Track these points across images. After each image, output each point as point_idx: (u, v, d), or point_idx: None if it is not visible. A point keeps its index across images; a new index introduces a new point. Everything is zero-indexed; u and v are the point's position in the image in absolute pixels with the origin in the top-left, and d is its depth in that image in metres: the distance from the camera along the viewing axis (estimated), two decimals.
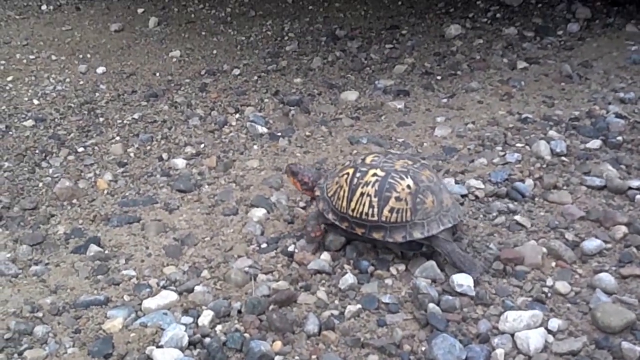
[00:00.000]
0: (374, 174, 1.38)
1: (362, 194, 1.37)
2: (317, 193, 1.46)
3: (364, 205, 1.37)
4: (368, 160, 1.42)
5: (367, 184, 1.37)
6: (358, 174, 1.39)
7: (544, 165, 1.72)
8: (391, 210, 1.36)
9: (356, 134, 1.89)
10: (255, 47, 2.43)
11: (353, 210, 1.39)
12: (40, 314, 1.29)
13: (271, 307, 1.33)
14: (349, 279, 1.38)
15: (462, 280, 1.36)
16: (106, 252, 1.48)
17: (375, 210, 1.36)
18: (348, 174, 1.41)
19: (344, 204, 1.40)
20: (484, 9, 2.64)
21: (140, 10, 2.72)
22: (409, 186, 1.37)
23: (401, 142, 1.85)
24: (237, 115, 2.01)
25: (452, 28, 2.45)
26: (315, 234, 1.46)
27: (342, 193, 1.40)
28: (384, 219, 1.36)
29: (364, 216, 1.37)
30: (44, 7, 2.76)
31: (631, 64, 2.19)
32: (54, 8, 2.76)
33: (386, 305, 1.33)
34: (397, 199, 1.36)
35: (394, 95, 2.08)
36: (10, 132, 1.96)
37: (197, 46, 2.45)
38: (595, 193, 1.62)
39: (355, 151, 1.82)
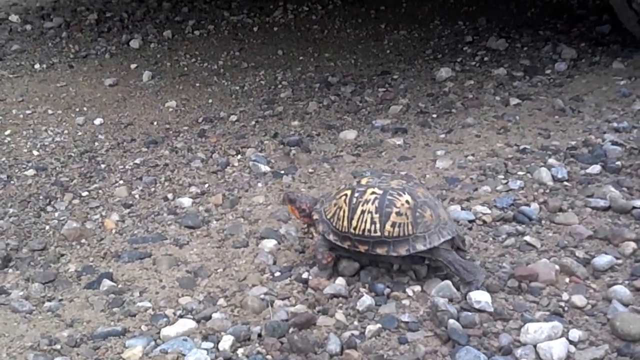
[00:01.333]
0: (373, 192, 1.42)
1: (362, 212, 1.40)
2: (316, 217, 1.49)
3: (366, 222, 1.40)
4: (364, 181, 1.47)
5: (367, 202, 1.41)
6: (357, 194, 1.43)
7: (547, 191, 1.75)
8: (393, 225, 1.39)
9: (359, 169, 1.92)
10: (250, 96, 2.47)
11: (355, 229, 1.41)
12: (58, 347, 1.26)
13: (291, 329, 1.32)
14: (367, 300, 1.38)
15: (480, 297, 1.37)
16: (119, 286, 1.47)
17: (378, 226, 1.39)
18: (346, 195, 1.44)
19: (345, 223, 1.42)
20: (471, 54, 2.72)
21: (133, 66, 2.76)
22: (407, 201, 1.40)
23: (404, 175, 1.87)
24: (239, 157, 2.03)
25: (443, 71, 2.51)
26: (327, 260, 1.47)
27: (342, 213, 1.43)
28: (386, 233, 1.39)
29: (366, 233, 1.40)
30: (37, 66, 2.79)
31: (621, 96, 2.25)
32: (47, 67, 2.79)
33: (406, 324, 1.33)
34: (398, 213, 1.39)
35: (392, 132, 2.11)
36: (12, 182, 1.95)
37: (192, 96, 2.48)
38: (600, 214, 1.64)
39: None
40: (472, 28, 3.01)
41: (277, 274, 1.49)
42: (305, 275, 1.47)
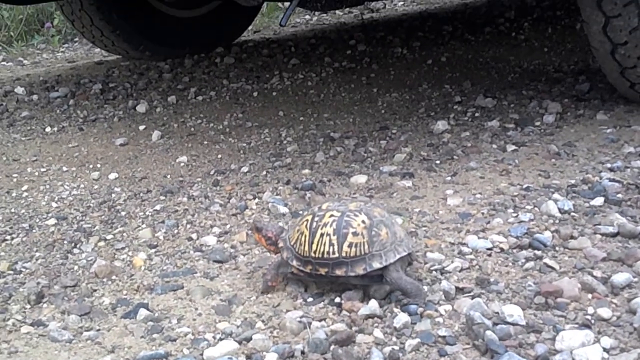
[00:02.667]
0: (331, 215, 1.49)
1: (322, 235, 1.47)
2: (281, 244, 1.55)
3: (324, 244, 1.47)
4: (324, 206, 1.54)
5: (325, 224, 1.48)
6: (316, 218, 1.50)
7: (557, 221, 1.83)
8: (350, 245, 1.46)
9: None
10: (258, 151, 2.56)
11: (315, 252, 1.48)
12: None
13: (332, 346, 1.35)
14: (403, 317, 1.43)
15: (512, 311, 1.43)
16: (156, 315, 1.49)
17: (336, 247, 1.46)
18: (307, 220, 1.51)
19: (306, 248, 1.49)
20: (462, 111, 2.85)
21: (141, 127, 2.84)
22: (363, 221, 1.48)
23: (418, 212, 1.95)
24: (256, 201, 2.09)
25: (439, 124, 2.63)
26: (273, 283, 1.54)
27: (303, 238, 1.49)
28: (344, 254, 1.46)
29: (325, 255, 1.47)
30: (47, 129, 2.85)
31: (610, 142, 2.38)
32: (57, 130, 2.86)
33: (443, 338, 1.38)
34: (354, 234, 1.46)
35: (401, 176, 2.20)
36: (34, 230, 1.99)
37: (202, 153, 2.56)
38: (609, 239, 1.73)
39: None
40: (459, 90, 3.16)
41: (310, 299, 1.54)
42: (337, 300, 1.52)
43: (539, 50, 3.80)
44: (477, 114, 2.80)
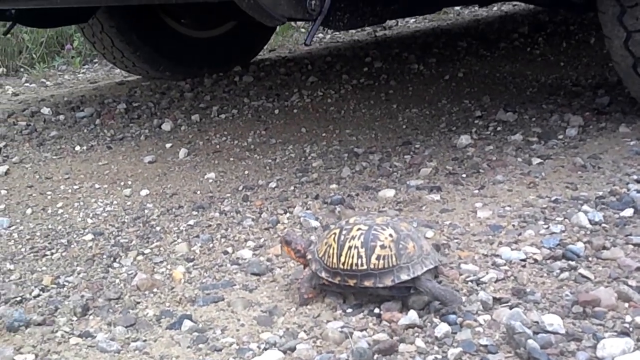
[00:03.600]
0: (359, 229, 1.54)
1: (350, 248, 1.52)
2: (309, 257, 1.60)
3: (352, 257, 1.52)
4: (351, 220, 1.59)
5: (353, 238, 1.53)
6: (344, 232, 1.55)
7: (588, 232, 1.86)
8: (378, 258, 1.50)
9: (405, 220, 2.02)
10: (284, 167, 2.59)
11: (344, 264, 1.52)
12: None
13: (375, 356, 1.38)
14: (444, 327, 1.45)
15: (551, 320, 1.45)
16: (200, 325, 1.52)
17: (364, 260, 1.51)
18: (335, 233, 1.56)
19: (335, 260, 1.53)
20: (483, 125, 2.89)
21: (168, 145, 2.89)
22: (391, 235, 1.52)
23: (448, 224, 1.98)
24: (287, 215, 2.12)
25: (463, 138, 2.66)
26: (309, 295, 1.58)
27: (331, 251, 1.54)
28: (372, 266, 1.50)
29: (354, 267, 1.51)
30: (77, 148, 2.90)
31: (635, 154, 2.41)
32: (87, 148, 2.91)
33: (485, 347, 1.40)
34: (382, 247, 1.51)
35: (428, 190, 2.23)
36: (73, 245, 2.02)
37: (229, 169, 2.60)
38: None
39: None
40: (478, 105, 3.19)
41: (349, 310, 1.56)
42: (376, 310, 1.55)
43: (555, 64, 3.84)
44: (499, 128, 2.83)
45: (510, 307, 1.52)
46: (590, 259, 1.72)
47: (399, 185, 2.30)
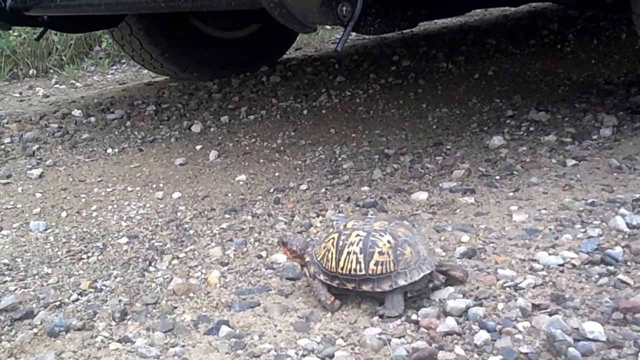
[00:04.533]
0: (357, 235, 1.58)
1: (348, 253, 1.56)
2: (307, 259, 1.64)
3: (351, 262, 1.55)
4: (349, 225, 1.62)
5: (352, 244, 1.56)
6: (343, 237, 1.59)
7: (626, 236, 1.83)
8: (376, 264, 1.54)
9: (438, 224, 2.00)
10: (314, 168, 2.59)
11: (342, 268, 1.56)
12: None
13: None
14: (483, 334, 1.44)
15: (592, 327, 1.44)
16: (237, 331, 1.53)
17: (362, 265, 1.55)
18: (334, 238, 1.60)
19: (333, 264, 1.57)
20: (515, 125, 2.86)
21: (198, 147, 2.90)
22: (389, 241, 1.56)
23: (484, 228, 1.96)
24: (320, 218, 2.12)
25: (495, 139, 2.64)
26: (331, 300, 1.61)
27: (330, 255, 1.58)
28: (370, 272, 1.54)
29: (352, 272, 1.55)
30: (109, 151, 2.93)
31: None
32: (118, 151, 2.93)
33: (525, 355, 1.39)
34: (380, 253, 1.55)
35: (462, 193, 2.21)
36: (108, 248, 2.04)
37: (259, 171, 2.60)
38: None
39: (443, 238, 1.92)
40: (509, 104, 3.16)
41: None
42: (414, 317, 1.54)
43: (586, 62, 3.79)
44: (531, 128, 2.80)
45: (550, 314, 1.50)
46: (629, 263, 1.70)
47: (431, 188, 2.29)
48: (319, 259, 1.62)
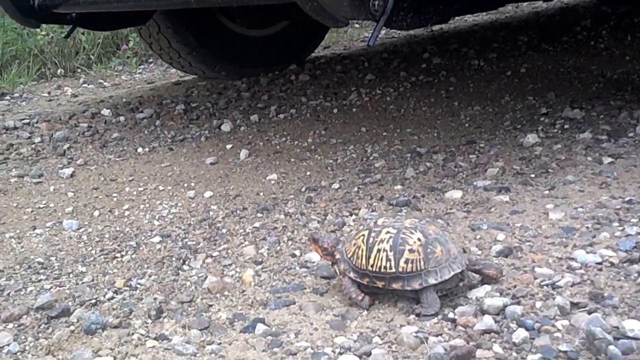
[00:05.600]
0: (387, 232, 1.56)
1: (378, 250, 1.54)
2: (338, 256, 1.63)
3: (381, 260, 1.54)
4: (379, 222, 1.62)
5: (382, 241, 1.55)
6: (373, 234, 1.57)
7: None
8: (406, 262, 1.53)
9: (474, 223, 1.98)
10: (345, 167, 2.58)
11: (372, 266, 1.55)
12: None
13: None
14: (521, 333, 1.41)
15: (632, 326, 1.41)
16: (273, 329, 1.52)
17: (392, 263, 1.53)
18: (364, 235, 1.59)
19: (363, 262, 1.56)
20: (549, 123, 2.82)
21: (228, 146, 2.90)
22: (419, 239, 1.54)
23: (519, 226, 1.93)
24: (353, 217, 2.11)
25: (530, 137, 2.60)
26: (362, 296, 1.59)
27: (360, 252, 1.57)
28: (400, 270, 1.53)
29: (382, 270, 1.54)
30: (139, 150, 2.94)
31: None
32: (149, 150, 2.95)
33: (565, 353, 1.37)
34: (411, 251, 1.53)
35: (497, 191, 2.19)
36: (142, 247, 2.05)
37: (291, 170, 2.60)
38: None
39: (478, 236, 1.90)
40: (543, 102, 3.12)
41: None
42: (451, 315, 1.52)
43: (620, 58, 3.73)
44: (566, 126, 2.76)
45: (589, 312, 1.48)
46: None
47: (465, 186, 2.27)
48: (349, 256, 1.61)
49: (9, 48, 4.93)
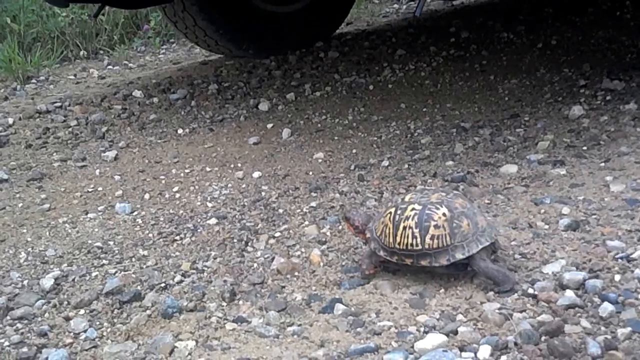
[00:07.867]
0: (413, 209, 1.55)
1: (404, 228, 1.54)
2: (368, 235, 1.63)
3: (407, 237, 1.53)
4: (407, 198, 1.61)
5: (407, 218, 1.54)
6: (399, 211, 1.57)
7: None
8: (432, 238, 1.52)
9: (535, 197, 1.97)
10: (391, 144, 2.56)
11: (399, 244, 1.54)
12: None
13: (543, 337, 1.35)
14: (608, 307, 1.40)
15: None
16: (353, 309, 1.52)
17: (419, 240, 1.52)
18: (391, 213, 1.58)
19: (391, 239, 1.56)
20: (590, 95, 2.79)
21: (269, 125, 2.89)
22: (444, 214, 1.53)
23: (582, 200, 1.92)
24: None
25: (575, 109, 2.58)
26: (370, 271, 1.61)
27: (387, 231, 1.56)
28: (427, 246, 1.52)
29: (409, 247, 1.53)
30: (180, 131, 2.93)
31: None
32: (189, 131, 2.93)
33: None
34: (436, 226, 1.52)
35: (552, 164, 2.17)
36: (199, 230, 2.04)
37: (336, 148, 2.58)
38: None
39: (542, 210, 1.88)
40: (579, 74, 3.09)
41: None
42: (530, 291, 1.51)
43: None
44: (608, 97, 2.73)
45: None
46: None
47: (519, 160, 2.25)
48: (378, 234, 1.61)
49: (30, 30, 4.89)
